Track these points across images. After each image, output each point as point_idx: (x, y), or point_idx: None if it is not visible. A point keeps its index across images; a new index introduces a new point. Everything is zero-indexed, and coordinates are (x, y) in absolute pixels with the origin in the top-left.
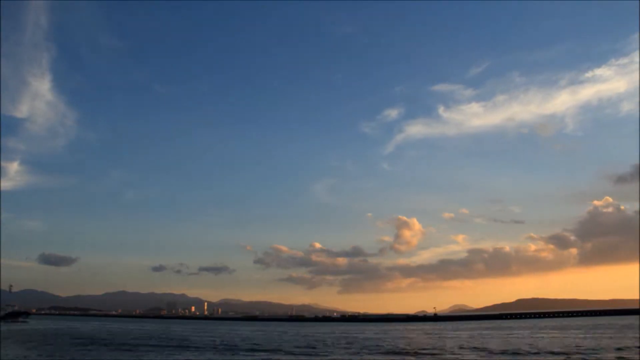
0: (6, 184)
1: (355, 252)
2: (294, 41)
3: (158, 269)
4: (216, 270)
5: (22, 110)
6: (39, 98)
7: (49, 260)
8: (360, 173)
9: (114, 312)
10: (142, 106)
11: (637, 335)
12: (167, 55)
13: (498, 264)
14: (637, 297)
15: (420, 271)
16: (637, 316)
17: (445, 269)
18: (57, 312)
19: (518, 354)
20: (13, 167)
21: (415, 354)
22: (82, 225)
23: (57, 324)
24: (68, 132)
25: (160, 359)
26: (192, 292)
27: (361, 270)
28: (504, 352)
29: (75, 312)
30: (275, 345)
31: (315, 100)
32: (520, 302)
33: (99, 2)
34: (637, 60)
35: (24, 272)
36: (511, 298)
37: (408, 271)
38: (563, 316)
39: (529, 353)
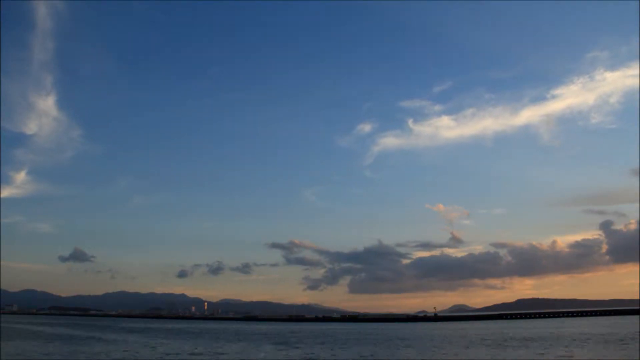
0: (14, 191)
1: (354, 254)
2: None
3: (184, 268)
4: (245, 270)
5: (31, 127)
6: (45, 116)
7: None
8: (346, 181)
9: (114, 312)
10: (143, 116)
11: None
12: (165, 72)
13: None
14: (637, 297)
15: (425, 271)
16: (638, 316)
17: (445, 270)
18: (58, 312)
19: None
20: (20, 176)
21: None
22: (89, 229)
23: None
24: (74, 145)
25: None
26: (192, 292)
27: (364, 271)
28: None
29: (76, 312)
30: None
31: (292, 114)
32: (520, 302)
33: (100, 27)
34: (598, 78)
35: (32, 273)
36: (511, 298)
37: (413, 272)
38: (563, 316)
39: None
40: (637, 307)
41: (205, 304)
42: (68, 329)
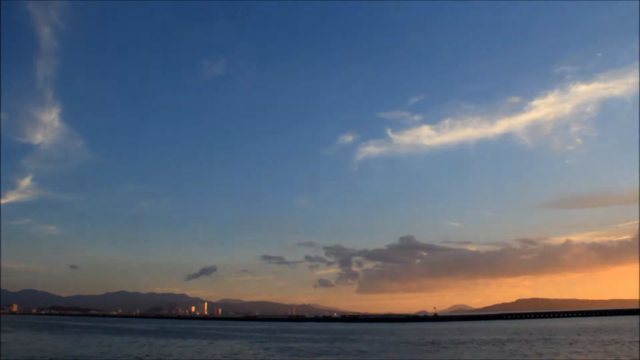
0: (19, 196)
1: (354, 256)
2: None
3: (207, 270)
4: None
5: (37, 137)
6: (49, 127)
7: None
8: (336, 187)
9: (114, 312)
10: (146, 125)
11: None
12: (163, 85)
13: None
14: (637, 297)
15: (425, 272)
16: (638, 316)
17: (443, 272)
18: (58, 312)
19: None
20: (25, 182)
21: None
22: (93, 231)
23: None
24: (79, 154)
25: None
26: (192, 292)
27: (363, 273)
28: None
29: (76, 312)
30: None
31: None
32: (520, 302)
33: (100, 41)
34: (573, 90)
35: (32, 274)
36: (511, 298)
37: (415, 272)
38: (563, 316)
39: None
40: (637, 307)
41: (205, 304)
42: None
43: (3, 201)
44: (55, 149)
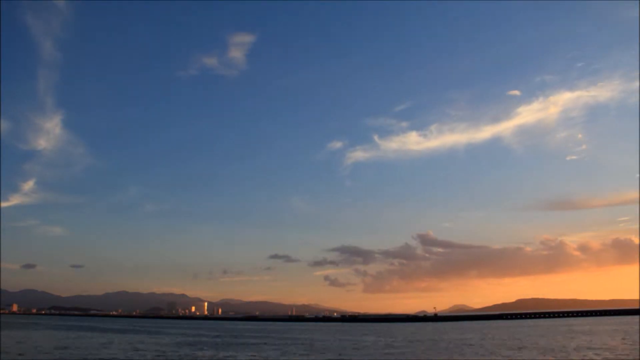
0: (22, 199)
1: (356, 256)
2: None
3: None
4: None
5: (40, 143)
6: (52, 133)
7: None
8: (329, 190)
9: (114, 312)
10: (147, 129)
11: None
12: (161, 92)
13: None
14: (637, 297)
15: (426, 272)
16: (638, 316)
17: (442, 271)
18: (58, 312)
19: None
20: (28, 185)
21: None
22: (96, 233)
23: None
24: (82, 159)
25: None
26: (192, 292)
27: (362, 274)
28: None
29: (76, 312)
30: None
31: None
32: (520, 302)
33: (101, 51)
34: (557, 97)
35: (33, 273)
36: (511, 298)
37: (417, 272)
38: (563, 316)
39: None
40: (637, 307)
41: (205, 304)
42: None
43: (7, 204)
44: (57, 154)
